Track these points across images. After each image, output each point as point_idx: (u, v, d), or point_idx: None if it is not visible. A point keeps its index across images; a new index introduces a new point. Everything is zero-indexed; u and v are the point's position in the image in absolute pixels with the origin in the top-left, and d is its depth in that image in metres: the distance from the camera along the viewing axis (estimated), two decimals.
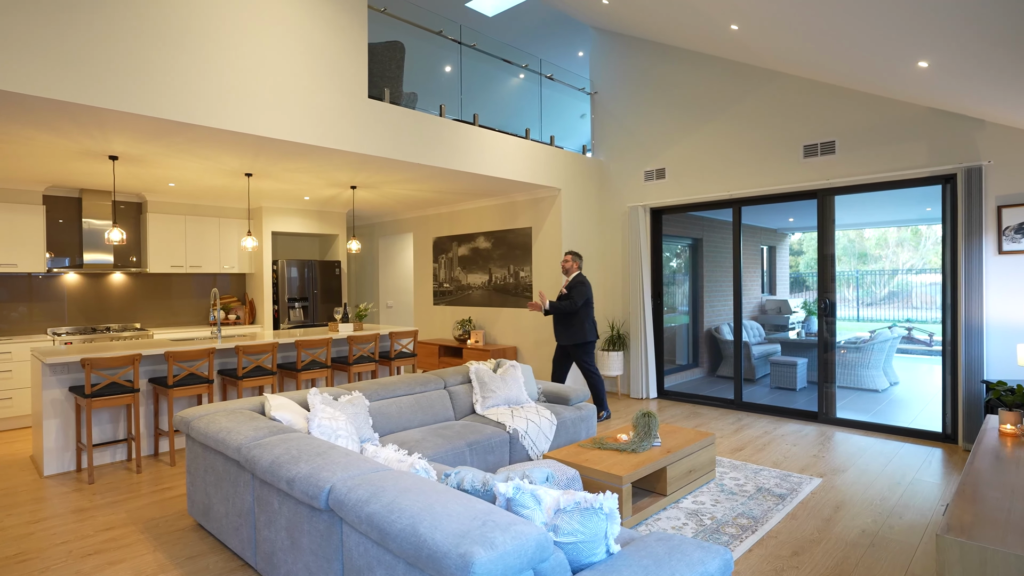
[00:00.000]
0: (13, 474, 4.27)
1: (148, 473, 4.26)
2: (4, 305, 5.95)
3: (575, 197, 6.78)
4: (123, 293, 6.73)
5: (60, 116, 3.52)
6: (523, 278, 7.04)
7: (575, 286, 5.43)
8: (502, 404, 4.44)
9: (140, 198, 6.79)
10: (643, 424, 3.66)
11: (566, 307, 5.39)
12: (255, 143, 4.28)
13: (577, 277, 5.50)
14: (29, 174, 5.37)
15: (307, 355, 5.22)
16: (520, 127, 6.33)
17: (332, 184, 6.13)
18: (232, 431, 2.81)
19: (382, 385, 4.09)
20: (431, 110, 5.34)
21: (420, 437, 3.68)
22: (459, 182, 6.07)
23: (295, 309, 7.59)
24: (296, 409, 3.28)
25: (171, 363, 4.35)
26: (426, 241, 8.35)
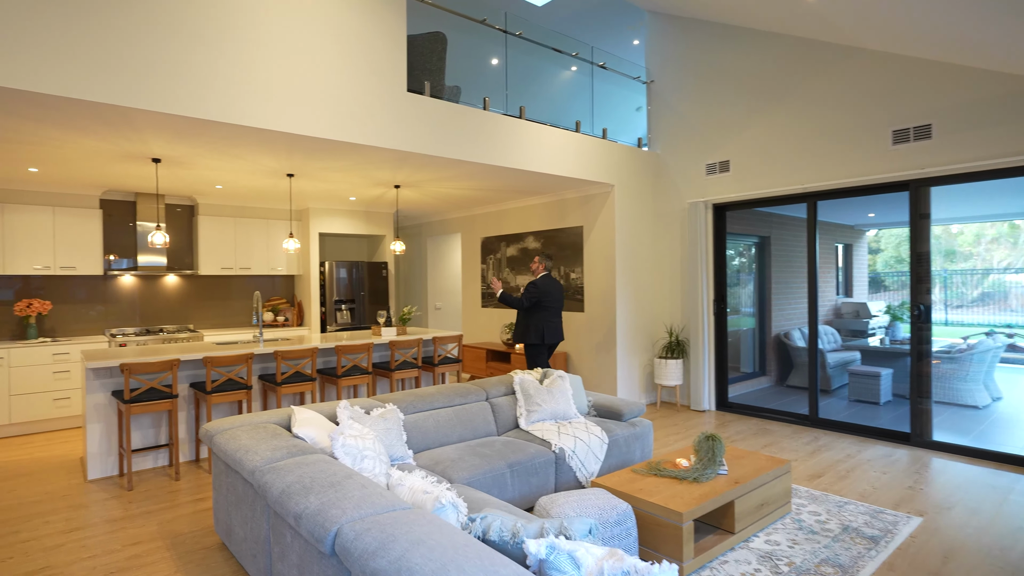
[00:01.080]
0: (60, 477, 4.28)
1: (186, 480, 4.17)
2: (64, 307, 6.11)
3: (629, 193, 6.34)
4: (177, 295, 6.82)
5: (90, 118, 3.44)
6: (574, 280, 6.65)
7: (527, 287, 5.49)
8: (548, 419, 4.09)
9: (192, 201, 6.86)
10: (706, 449, 3.22)
11: (511, 302, 5.46)
12: (287, 141, 4.11)
13: (539, 279, 5.50)
14: (85, 179, 5.46)
15: (347, 360, 5.05)
16: (570, 121, 5.94)
17: (375, 183, 5.95)
18: (250, 451, 2.60)
19: (419, 397, 3.82)
20: (475, 104, 5.05)
21: (457, 456, 3.38)
22: (505, 179, 5.76)
23: (342, 311, 7.51)
24: (323, 424, 3.05)
25: (209, 368, 4.25)
26: (474, 241, 8.10)
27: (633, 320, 6.35)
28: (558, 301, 5.56)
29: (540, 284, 5.49)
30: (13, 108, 3.25)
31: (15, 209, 5.60)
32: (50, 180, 5.47)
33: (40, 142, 4.05)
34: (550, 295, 5.50)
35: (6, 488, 4.05)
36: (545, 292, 5.47)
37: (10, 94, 3.00)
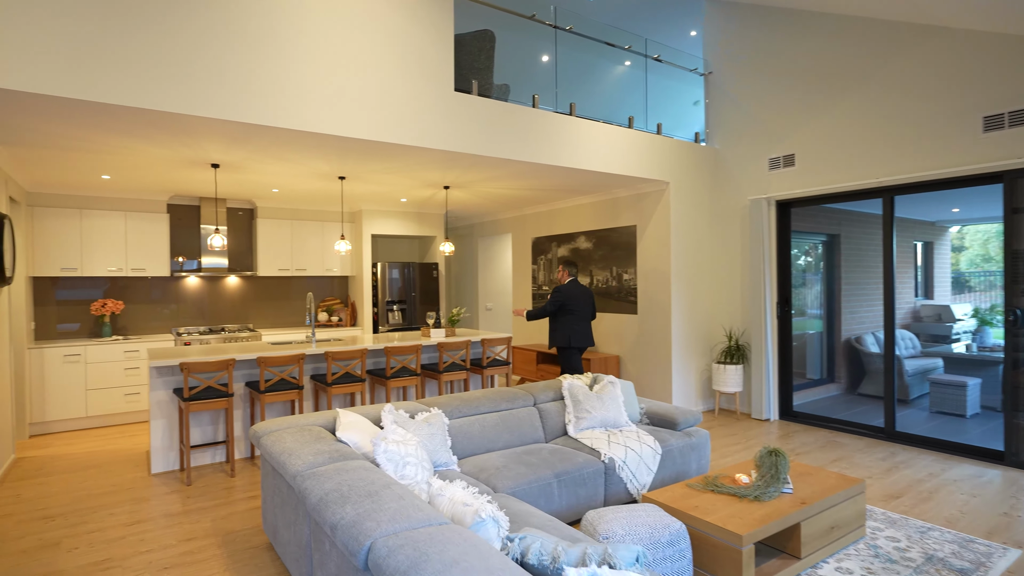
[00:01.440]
0: (128, 469, 4.48)
1: (241, 477, 4.28)
2: (134, 307, 6.44)
3: (685, 191, 6.06)
4: (238, 295, 7.07)
5: (150, 125, 3.56)
6: (627, 281, 6.44)
7: (552, 292, 5.63)
8: (598, 426, 3.93)
9: (251, 204, 7.09)
10: (769, 465, 2.98)
11: (539, 313, 5.64)
12: (337, 144, 4.13)
13: (564, 284, 5.61)
14: (153, 185, 5.73)
15: (396, 362, 5.05)
16: (623, 117, 5.74)
17: (424, 184, 5.95)
18: (293, 454, 2.59)
19: (464, 401, 3.75)
20: (524, 102, 4.94)
21: (502, 463, 3.29)
22: (555, 178, 5.62)
23: (394, 312, 7.58)
24: (367, 428, 3.03)
25: (263, 368, 4.34)
26: (524, 242, 8.00)
27: (689, 323, 6.08)
28: (586, 306, 5.61)
29: (564, 289, 5.59)
30: (82, 119, 3.40)
31: (91, 215, 5.94)
32: (121, 187, 5.76)
33: (109, 151, 4.25)
34: (576, 299, 5.56)
35: (79, 479, 4.27)
36: (570, 296, 5.55)
37: (79, 105, 3.13)
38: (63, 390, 5.60)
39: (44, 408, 5.52)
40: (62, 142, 3.98)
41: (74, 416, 5.65)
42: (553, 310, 5.58)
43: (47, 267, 5.73)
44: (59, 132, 3.71)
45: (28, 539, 3.27)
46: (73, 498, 3.89)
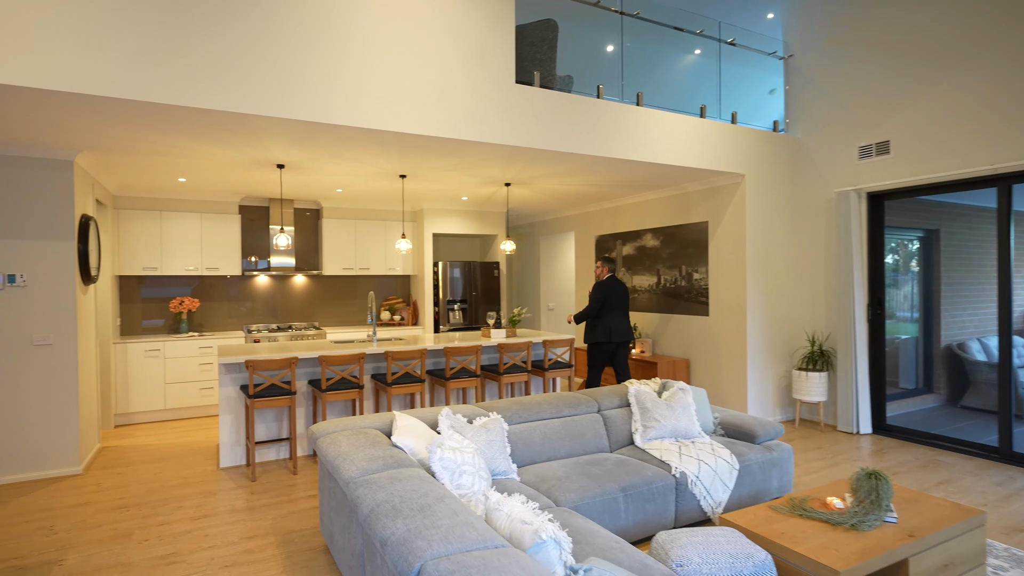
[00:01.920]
0: (199, 462, 4.62)
1: (303, 475, 4.30)
2: (208, 304, 6.70)
3: (763, 183, 5.64)
4: (304, 293, 7.23)
5: (215, 126, 3.61)
6: (697, 280, 6.07)
7: (593, 289, 5.75)
8: (667, 436, 3.66)
9: (317, 205, 7.23)
10: (868, 489, 2.63)
11: (585, 314, 5.75)
12: (398, 141, 4.06)
13: (604, 280, 5.75)
14: (225, 187, 5.92)
15: (456, 363, 4.96)
16: (694, 108, 5.39)
17: (485, 182, 5.83)
18: (347, 459, 2.50)
19: (524, 406, 3.58)
20: (588, 93, 4.71)
21: (564, 473, 3.09)
22: (621, 172, 5.36)
23: (454, 311, 7.53)
24: (423, 433, 2.91)
25: (324, 367, 4.35)
26: (588, 240, 7.75)
27: (767, 326, 5.65)
28: (623, 300, 5.77)
29: (605, 284, 5.74)
30: (153, 122, 3.49)
31: (170, 216, 6.21)
32: (196, 189, 5.99)
33: (182, 154, 4.38)
34: (616, 294, 5.72)
35: (154, 470, 4.43)
36: (610, 291, 5.71)
37: (149, 108, 3.19)
38: (144, 383, 5.88)
39: (128, 400, 5.81)
40: (137, 146, 4.12)
41: (154, 408, 5.93)
42: (599, 308, 5.69)
43: (131, 266, 6.04)
44: (133, 136, 3.83)
45: (104, 528, 3.38)
46: (147, 489, 4.02)
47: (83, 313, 4.55)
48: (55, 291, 4.28)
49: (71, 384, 4.33)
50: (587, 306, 5.82)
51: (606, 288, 5.68)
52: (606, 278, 5.77)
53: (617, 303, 5.69)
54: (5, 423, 4.15)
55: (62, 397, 4.30)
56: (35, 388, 4.23)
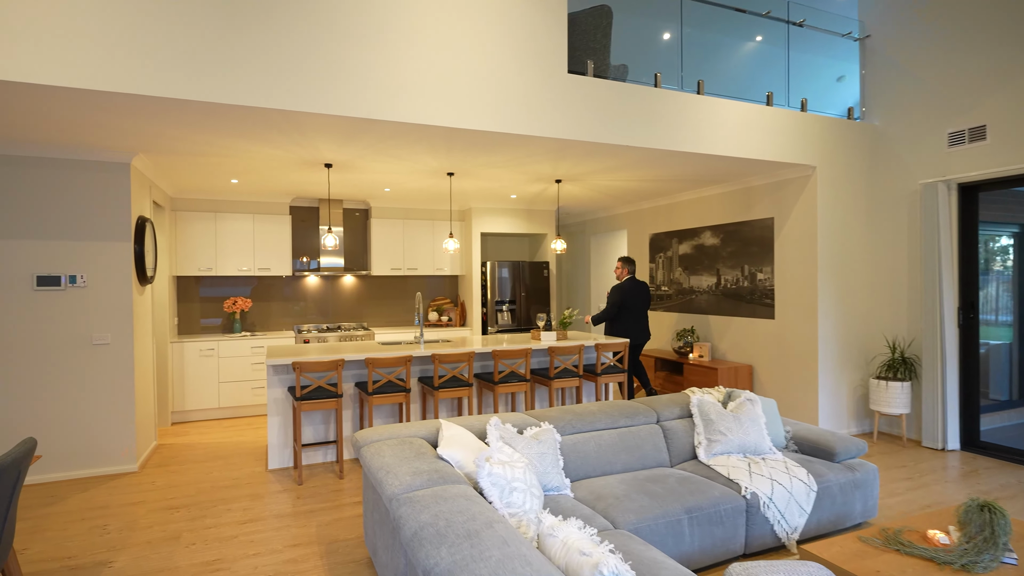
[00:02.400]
0: (248, 463, 4.61)
1: (349, 480, 4.21)
2: (260, 304, 6.78)
3: (836, 175, 5.19)
4: (353, 294, 7.23)
5: (262, 124, 3.55)
6: (762, 281, 5.67)
7: (611, 292, 5.90)
8: (735, 452, 3.35)
9: (366, 205, 7.21)
10: (981, 523, 2.28)
11: (601, 316, 5.87)
12: (445, 136, 3.91)
13: (624, 282, 5.89)
14: (276, 188, 5.95)
15: (504, 366, 4.78)
16: (757, 96, 5.01)
17: (535, 179, 5.63)
18: (390, 472, 2.35)
19: (578, 415, 3.36)
20: (644, 82, 4.43)
21: (622, 491, 2.85)
22: (679, 166, 5.04)
23: (503, 312, 7.36)
24: (470, 444, 2.73)
25: (371, 370, 4.25)
26: (641, 238, 7.42)
27: (841, 330, 5.20)
28: (644, 302, 5.96)
29: (624, 287, 5.88)
30: (202, 121, 3.46)
31: (224, 218, 6.31)
32: (248, 190, 6.05)
33: (232, 154, 4.38)
34: (635, 296, 5.90)
35: (206, 470, 4.45)
36: (629, 294, 5.87)
37: (198, 107, 3.16)
38: (199, 382, 5.98)
39: (184, 398, 5.93)
40: (191, 147, 4.14)
41: (208, 407, 6.02)
42: (615, 312, 5.84)
43: (188, 267, 6.17)
44: (186, 137, 3.83)
45: (153, 530, 3.38)
46: (198, 489, 4.02)
47: (139, 313, 4.63)
48: (112, 291, 4.36)
49: (127, 383, 4.40)
50: (604, 309, 5.93)
51: (623, 291, 5.86)
52: (625, 280, 5.95)
53: (636, 305, 5.88)
54: (66, 421, 4.25)
55: (119, 396, 4.38)
56: (94, 387, 4.31)
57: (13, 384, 4.12)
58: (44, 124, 3.52)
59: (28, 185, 4.14)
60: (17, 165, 4.12)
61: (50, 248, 4.20)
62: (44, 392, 4.19)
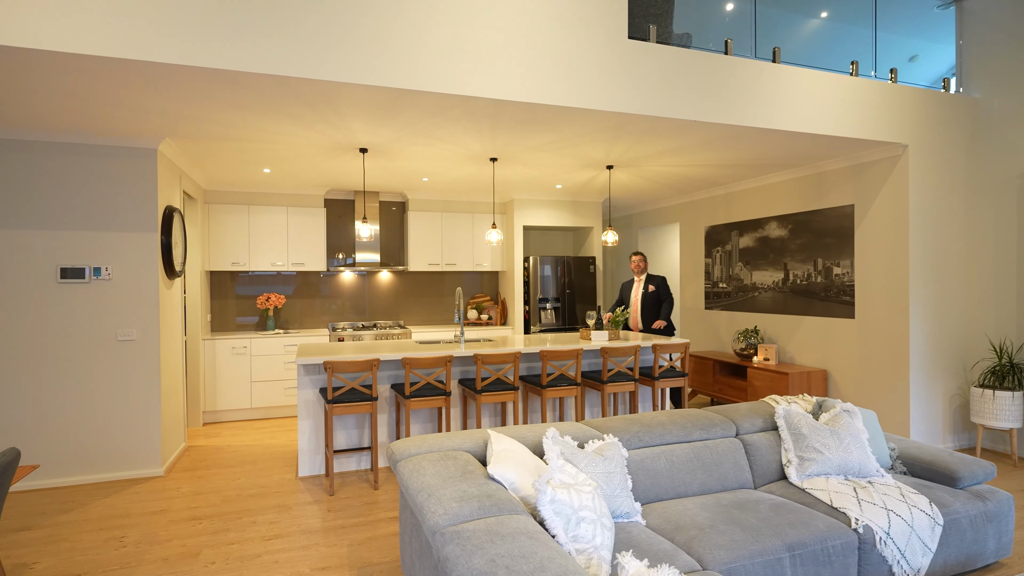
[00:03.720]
0: (278, 469, 4.31)
1: (384, 491, 3.85)
2: (294, 301, 6.52)
3: (931, 156, 4.57)
4: (389, 290, 6.91)
5: (291, 98, 3.21)
6: (839, 276, 5.07)
7: (661, 284, 5.82)
8: (834, 473, 2.83)
9: (403, 197, 6.88)
10: None
11: (668, 312, 5.75)
12: (491, 111, 3.50)
13: (655, 277, 5.85)
14: (310, 178, 5.67)
15: (553, 368, 4.34)
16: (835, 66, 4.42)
17: (585, 164, 5.17)
18: (432, 496, 1.95)
19: (645, 426, 2.90)
20: (711, 50, 3.93)
21: (705, 520, 2.38)
22: (750, 146, 4.51)
23: (547, 310, 6.92)
24: (525, 460, 2.31)
25: (408, 370, 3.88)
26: (696, 232, 6.87)
27: (935, 332, 4.57)
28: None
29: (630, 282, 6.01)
30: (227, 95, 3.14)
31: (257, 211, 6.07)
32: (281, 181, 5.79)
33: (264, 139, 4.08)
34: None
35: (233, 476, 4.15)
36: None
37: (221, 77, 2.83)
38: (231, 381, 5.74)
39: (215, 398, 5.70)
40: (218, 130, 3.85)
41: (240, 407, 5.78)
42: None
43: (221, 261, 5.94)
44: (211, 117, 3.54)
45: (172, 544, 3.07)
46: (223, 498, 3.72)
47: (167, 308, 4.38)
48: (138, 285, 4.11)
49: (153, 382, 4.14)
50: (667, 304, 5.76)
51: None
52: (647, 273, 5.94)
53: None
54: (89, 421, 4.01)
55: (144, 396, 4.13)
56: (118, 385, 4.07)
57: (33, 381, 3.90)
58: (64, 103, 3.27)
59: (50, 172, 3.93)
60: (38, 151, 3.90)
61: (73, 239, 3.97)
62: (66, 390, 3.97)
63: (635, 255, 5.95)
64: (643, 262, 5.90)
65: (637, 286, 5.91)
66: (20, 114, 3.47)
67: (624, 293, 6.05)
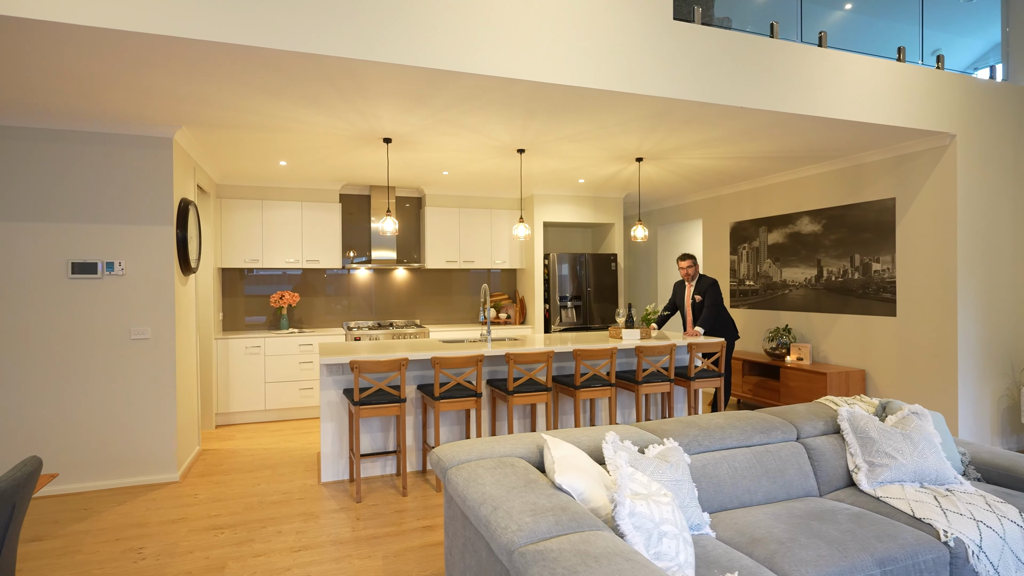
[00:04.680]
0: (299, 473, 4.11)
1: (413, 497, 3.65)
2: (308, 299, 6.33)
3: (980, 147, 4.38)
4: (405, 289, 6.72)
5: (319, 81, 3.02)
6: (878, 272, 4.88)
7: (708, 289, 5.19)
8: (909, 480, 2.63)
9: (419, 192, 6.69)
10: None
11: (714, 315, 5.13)
12: (529, 96, 3.31)
13: (704, 279, 5.26)
14: (326, 172, 5.48)
15: (586, 368, 4.15)
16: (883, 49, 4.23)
17: (614, 157, 4.98)
18: (499, 509, 1.75)
19: (703, 430, 2.70)
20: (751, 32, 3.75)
21: (783, 533, 2.18)
22: (791, 136, 4.32)
23: (567, 309, 6.72)
24: (588, 468, 2.11)
25: (438, 370, 3.68)
26: (720, 228, 6.68)
27: (982, 330, 4.39)
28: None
29: (713, 281, 5.28)
30: (247, 76, 2.95)
31: (271, 206, 5.87)
32: (296, 175, 5.59)
33: (283, 128, 3.89)
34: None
35: (253, 481, 3.96)
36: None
37: (241, 54, 2.64)
38: (245, 382, 5.55)
39: (228, 399, 5.50)
40: (237, 117, 3.66)
41: (254, 408, 5.58)
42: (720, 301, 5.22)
43: (233, 258, 5.75)
44: (232, 103, 3.34)
45: (195, 557, 2.87)
46: (245, 505, 3.53)
47: (182, 305, 4.18)
48: (153, 281, 3.91)
49: (169, 383, 3.95)
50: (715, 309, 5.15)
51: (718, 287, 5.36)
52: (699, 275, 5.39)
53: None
54: (102, 424, 3.82)
55: (160, 398, 3.93)
56: (132, 386, 3.87)
57: (43, 382, 3.70)
58: (74, 88, 3.07)
59: (61, 162, 3.73)
60: (49, 140, 3.71)
61: (85, 232, 3.78)
62: (78, 391, 3.77)
63: (683, 259, 5.34)
64: (692, 267, 5.31)
65: (689, 289, 5.38)
66: (30, 99, 3.28)
67: (677, 296, 5.50)
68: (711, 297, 5.15)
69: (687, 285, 5.43)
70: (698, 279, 5.34)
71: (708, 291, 5.18)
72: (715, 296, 5.15)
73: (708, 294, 5.17)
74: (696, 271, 5.35)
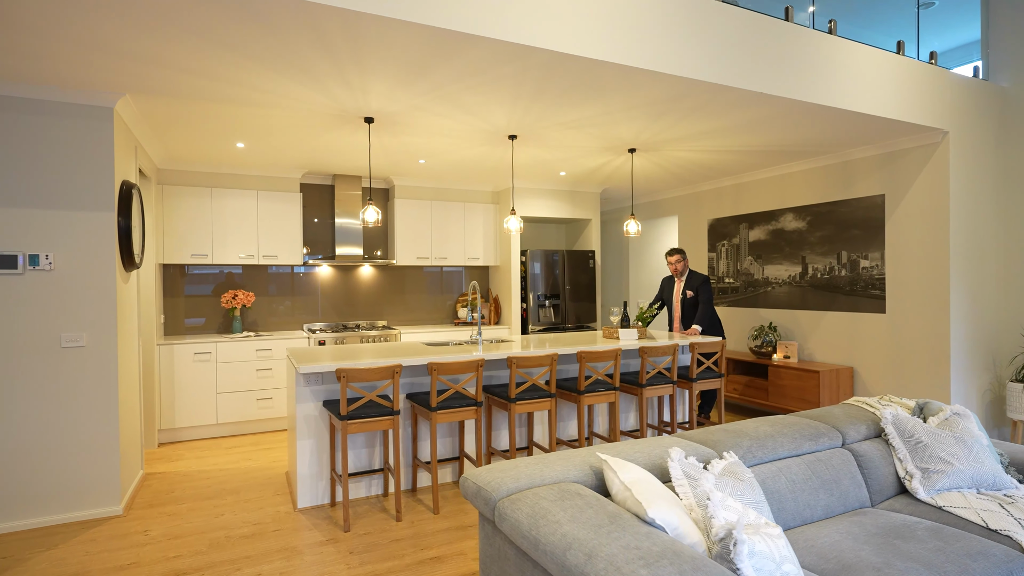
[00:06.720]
0: (268, 498, 3.58)
1: (408, 522, 3.23)
2: (266, 299, 5.71)
3: (970, 144, 4.42)
4: (370, 287, 6.21)
5: (312, 43, 2.56)
6: (867, 269, 4.86)
7: (701, 286, 5.07)
8: (967, 487, 2.48)
9: (388, 183, 6.20)
10: None
11: (710, 313, 5.00)
12: (542, 71, 2.97)
13: (696, 275, 5.14)
14: (287, 158, 4.91)
15: (589, 371, 3.85)
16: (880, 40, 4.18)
17: (606, 146, 4.71)
18: (594, 556, 1.40)
19: (754, 439, 2.45)
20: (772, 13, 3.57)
21: (871, 555, 1.95)
22: (795, 127, 4.19)
23: (545, 308, 6.42)
24: (662, 492, 1.79)
25: (435, 377, 3.28)
26: (697, 225, 6.58)
27: (970, 326, 4.42)
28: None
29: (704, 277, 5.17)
30: (211, 23, 2.45)
31: (222, 194, 5.23)
32: (255, 161, 5.00)
33: (250, 100, 3.35)
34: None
35: (214, 510, 3.40)
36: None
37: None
38: (193, 393, 4.89)
39: (173, 413, 4.83)
40: (194, 84, 3.11)
41: (204, 423, 4.94)
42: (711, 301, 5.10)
43: (177, 253, 5.07)
44: (188, 64, 2.81)
45: None
46: (209, 542, 2.99)
47: (124, 306, 3.56)
48: (89, 278, 3.29)
49: (110, 398, 3.33)
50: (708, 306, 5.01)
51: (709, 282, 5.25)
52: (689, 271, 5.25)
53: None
54: (26, 450, 3.16)
55: (98, 416, 3.30)
56: (64, 404, 3.23)
57: None
58: None
59: None
60: None
61: (2, 217, 3.11)
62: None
63: (671, 254, 5.14)
64: (682, 262, 5.13)
65: (678, 285, 5.22)
66: None
67: (665, 291, 5.34)
68: (705, 294, 4.98)
69: (676, 281, 5.24)
70: (689, 275, 5.16)
71: (701, 288, 5.01)
72: (708, 293, 5.00)
73: (702, 291, 5.00)
74: (685, 266, 5.18)
